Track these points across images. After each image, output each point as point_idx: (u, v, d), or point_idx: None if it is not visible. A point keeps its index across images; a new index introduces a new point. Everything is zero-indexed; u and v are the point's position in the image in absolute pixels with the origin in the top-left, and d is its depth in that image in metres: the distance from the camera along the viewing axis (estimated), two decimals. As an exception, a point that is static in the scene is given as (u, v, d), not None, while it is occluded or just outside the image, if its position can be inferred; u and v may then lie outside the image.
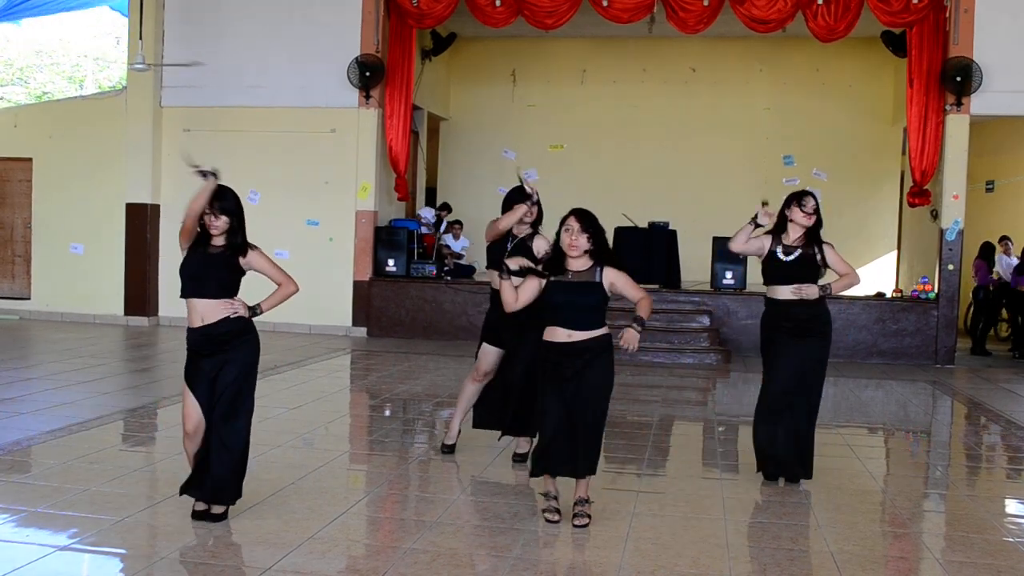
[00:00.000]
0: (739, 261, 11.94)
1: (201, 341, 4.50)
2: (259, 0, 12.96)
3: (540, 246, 5.41)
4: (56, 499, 4.85)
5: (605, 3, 11.88)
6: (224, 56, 12.97)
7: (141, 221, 13.12)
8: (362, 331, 12.56)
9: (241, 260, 4.56)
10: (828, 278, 5.68)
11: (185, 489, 4.57)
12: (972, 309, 13.39)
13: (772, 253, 5.59)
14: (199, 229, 4.49)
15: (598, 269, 4.60)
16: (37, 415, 6.97)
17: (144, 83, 13.05)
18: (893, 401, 9.21)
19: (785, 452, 5.53)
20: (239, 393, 4.52)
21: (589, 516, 4.67)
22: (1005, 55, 11.38)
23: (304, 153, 12.86)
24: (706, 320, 11.66)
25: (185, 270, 4.50)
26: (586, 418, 4.57)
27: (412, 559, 4.16)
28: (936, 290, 11.67)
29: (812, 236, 5.56)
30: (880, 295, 12.03)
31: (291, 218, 12.85)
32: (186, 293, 4.51)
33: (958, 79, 11.23)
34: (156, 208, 13.22)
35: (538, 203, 5.67)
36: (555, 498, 4.72)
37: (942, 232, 11.62)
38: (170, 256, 13.23)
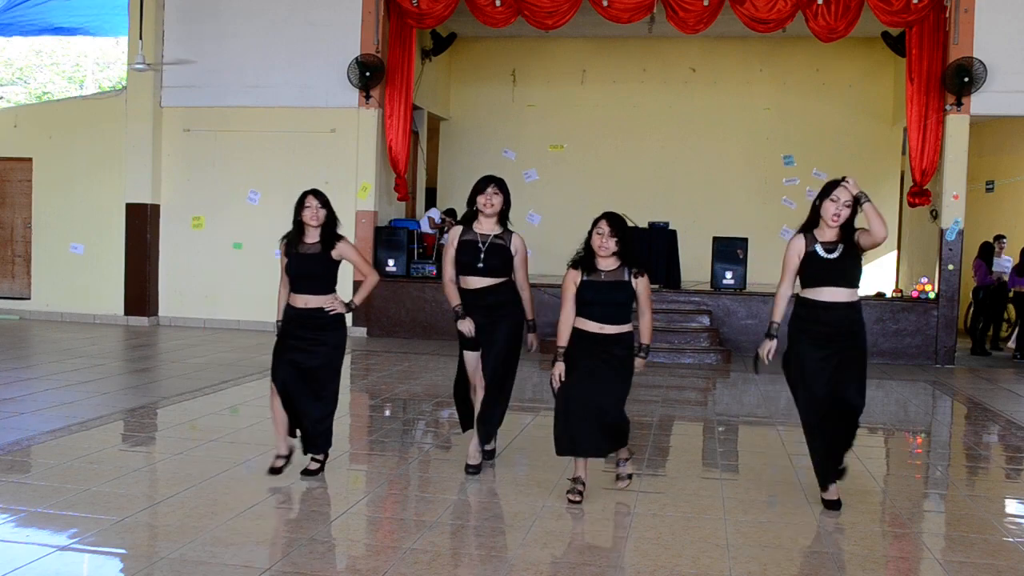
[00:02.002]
0: (739, 261, 11.95)
1: (298, 318, 5.32)
2: (259, 0, 12.97)
3: (517, 245, 5.54)
4: (56, 499, 4.85)
5: (605, 3, 11.89)
6: (224, 56, 12.98)
7: (141, 221, 13.12)
8: (362, 331, 12.56)
9: (332, 253, 5.33)
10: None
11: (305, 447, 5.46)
12: (972, 309, 13.40)
13: (812, 253, 4.97)
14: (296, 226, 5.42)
15: (627, 270, 5.07)
16: (37, 415, 6.98)
17: (144, 83, 13.06)
18: (893, 401, 9.21)
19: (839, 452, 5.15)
20: (329, 371, 5.38)
21: (630, 476, 5.41)
22: (1005, 55, 11.38)
23: (304, 153, 12.86)
24: (706, 320, 11.66)
25: (291, 272, 5.35)
26: (609, 400, 5.00)
27: (412, 559, 4.16)
28: (936, 290, 11.67)
29: (849, 230, 4.99)
30: (880, 295, 12.03)
31: (291, 218, 12.80)
32: (295, 290, 5.33)
33: (965, 79, 11.23)
34: (156, 208, 13.22)
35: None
36: (583, 483, 5.11)
37: (942, 232, 11.62)
38: (170, 256, 13.25)
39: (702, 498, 5.34)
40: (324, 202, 5.33)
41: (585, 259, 5.09)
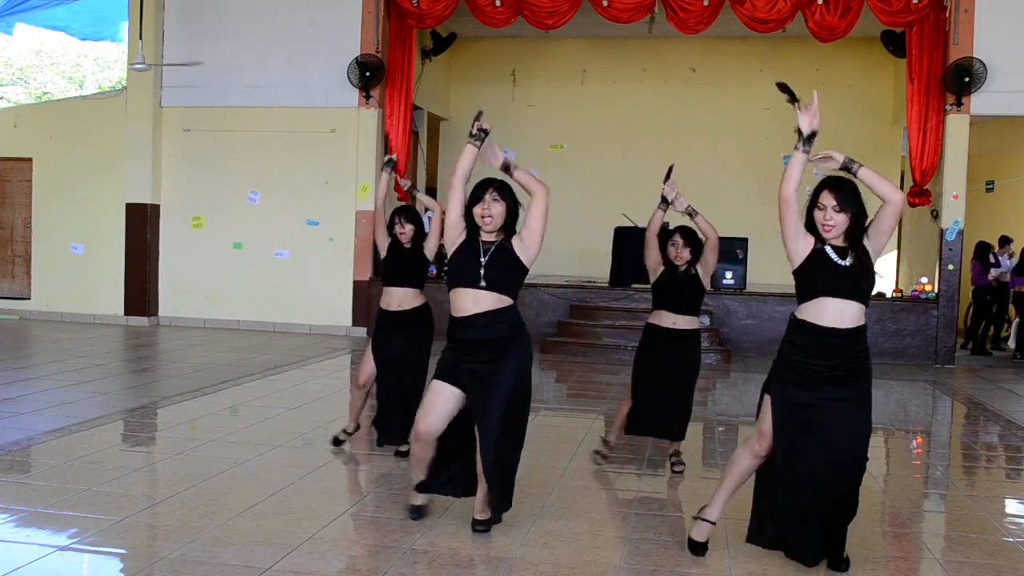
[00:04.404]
0: (739, 261, 11.94)
1: (390, 321, 5.88)
2: (259, 0, 12.97)
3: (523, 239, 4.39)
4: (56, 499, 4.85)
5: (605, 3, 11.89)
6: (224, 56, 12.98)
7: (141, 221, 13.12)
8: (362, 331, 12.56)
9: (424, 251, 5.93)
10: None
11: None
12: (972, 309, 13.40)
13: (821, 252, 4.00)
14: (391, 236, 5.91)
15: (694, 268, 5.69)
16: (37, 415, 6.98)
17: (144, 83, 13.06)
18: (893, 401, 9.20)
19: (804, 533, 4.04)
20: (424, 368, 5.95)
21: (684, 464, 5.80)
22: (1005, 55, 11.39)
23: (304, 153, 12.87)
24: (706, 320, 11.65)
25: (389, 269, 5.92)
26: (680, 391, 5.64)
27: (412, 559, 4.16)
28: (936, 290, 11.68)
29: (857, 237, 4.03)
30: (880, 295, 12.04)
31: (291, 218, 12.86)
32: (390, 283, 5.90)
33: (965, 79, 11.24)
34: (156, 208, 13.23)
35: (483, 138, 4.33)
36: (610, 446, 5.97)
37: (942, 232, 11.62)
38: (170, 256, 13.25)
39: (702, 498, 5.32)
40: (410, 219, 5.91)
41: (668, 267, 5.71)
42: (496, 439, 4.28)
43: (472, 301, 4.28)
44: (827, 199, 4.03)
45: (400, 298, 5.90)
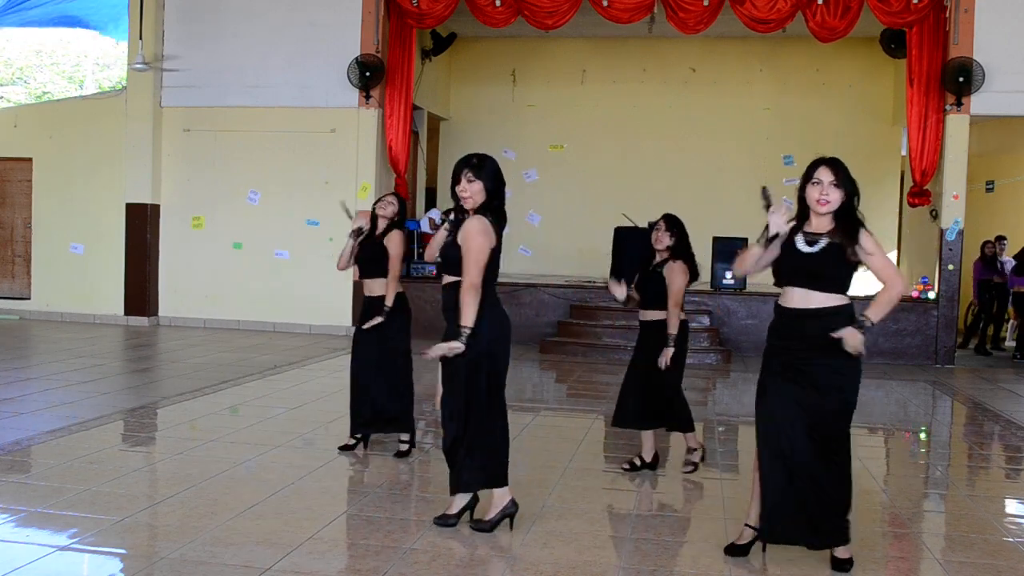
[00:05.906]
0: (739, 261, 11.95)
1: (369, 306, 6.08)
2: (259, 0, 12.97)
3: (465, 230, 4.60)
4: (56, 499, 4.85)
5: (605, 3, 11.89)
6: (224, 56, 12.98)
7: (141, 221, 13.12)
8: (362, 331, 12.54)
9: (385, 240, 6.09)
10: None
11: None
12: (974, 307, 13.41)
13: (789, 244, 4.14)
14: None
15: (668, 263, 5.61)
16: (37, 415, 6.98)
17: (144, 83, 13.06)
18: (893, 401, 9.21)
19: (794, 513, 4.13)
20: (399, 350, 6.22)
21: (694, 464, 5.84)
22: (1005, 55, 11.38)
23: (304, 153, 12.86)
24: (706, 320, 11.66)
25: (359, 260, 6.08)
26: (662, 382, 5.62)
27: (412, 559, 4.16)
28: (936, 290, 11.68)
29: (846, 222, 4.07)
30: (880, 295, 12.03)
31: (291, 218, 12.86)
32: (363, 275, 6.07)
33: (961, 79, 11.23)
34: (156, 208, 13.23)
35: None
36: (640, 456, 5.85)
37: (942, 232, 11.62)
38: (170, 256, 13.25)
39: (702, 498, 5.34)
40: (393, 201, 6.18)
41: (648, 257, 5.72)
42: (452, 404, 4.61)
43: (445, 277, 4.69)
44: (824, 174, 4.09)
45: (371, 287, 6.08)
